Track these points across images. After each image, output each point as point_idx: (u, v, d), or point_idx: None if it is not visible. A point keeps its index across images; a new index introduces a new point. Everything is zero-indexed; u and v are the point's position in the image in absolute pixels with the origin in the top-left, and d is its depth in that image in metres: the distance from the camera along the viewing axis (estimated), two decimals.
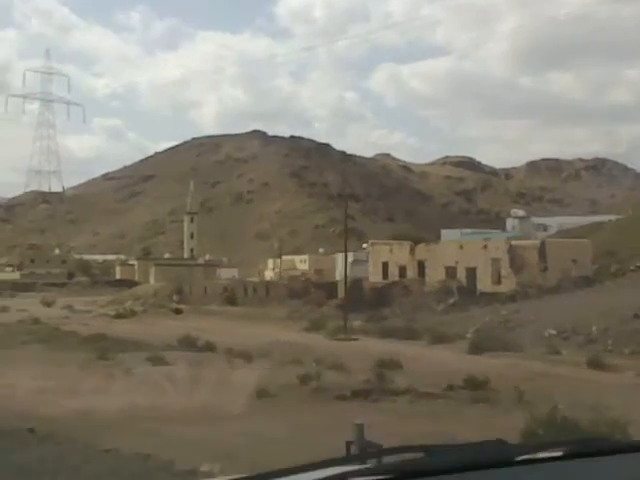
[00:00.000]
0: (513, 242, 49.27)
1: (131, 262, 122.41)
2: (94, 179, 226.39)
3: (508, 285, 46.69)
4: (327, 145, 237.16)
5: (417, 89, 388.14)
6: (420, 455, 2.57)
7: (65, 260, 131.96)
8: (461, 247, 51.67)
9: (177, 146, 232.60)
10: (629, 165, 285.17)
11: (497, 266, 48.80)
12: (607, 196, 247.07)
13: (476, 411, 15.35)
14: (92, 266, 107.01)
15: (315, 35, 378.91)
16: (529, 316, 35.67)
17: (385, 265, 56.83)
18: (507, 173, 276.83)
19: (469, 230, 79.61)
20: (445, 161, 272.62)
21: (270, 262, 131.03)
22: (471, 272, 50.08)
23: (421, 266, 53.33)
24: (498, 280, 48.70)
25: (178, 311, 53.42)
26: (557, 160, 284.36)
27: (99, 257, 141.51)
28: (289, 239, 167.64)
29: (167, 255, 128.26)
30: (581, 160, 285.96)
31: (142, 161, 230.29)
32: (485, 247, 49.91)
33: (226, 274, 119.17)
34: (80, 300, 70.55)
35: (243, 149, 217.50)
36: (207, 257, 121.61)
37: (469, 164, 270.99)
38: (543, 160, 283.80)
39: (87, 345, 27.86)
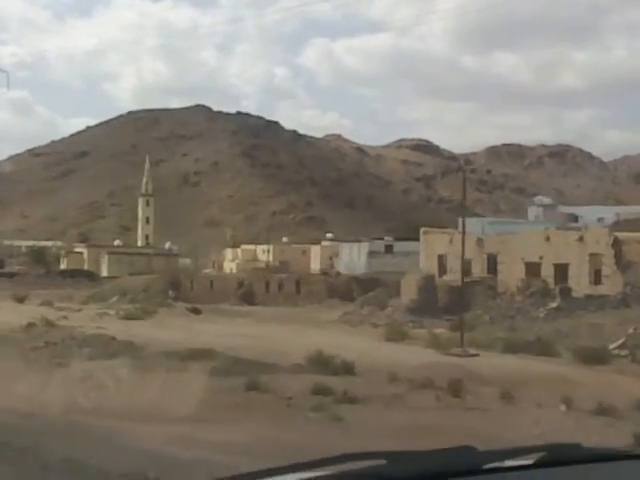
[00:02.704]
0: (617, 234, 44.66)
1: (78, 250, 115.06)
2: (18, 155, 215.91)
3: (612, 286, 41.95)
4: (276, 123, 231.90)
5: (352, 66, 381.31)
6: (381, 462, 2.54)
7: None
8: (547, 239, 46.83)
9: (112, 120, 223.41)
10: (594, 153, 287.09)
11: (597, 263, 44.09)
12: (573, 186, 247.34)
13: None
14: (48, 255, 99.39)
15: (243, 6, 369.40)
16: None
17: (442, 259, 51.60)
18: (467, 159, 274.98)
19: (492, 219, 75.18)
20: (400, 144, 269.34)
21: (229, 252, 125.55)
22: (561, 269, 45.28)
23: (492, 261, 48.38)
24: (597, 280, 44.07)
25: (196, 311, 47.29)
26: (519, 146, 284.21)
27: (30, 243, 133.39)
28: (244, 227, 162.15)
29: (117, 242, 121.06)
30: (544, 146, 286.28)
31: (73, 136, 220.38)
32: (581, 239, 45.14)
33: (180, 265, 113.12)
34: (48, 294, 64.04)
35: (186, 125, 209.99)
36: (168, 245, 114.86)
37: (426, 148, 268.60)
38: (504, 145, 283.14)
39: (197, 365, 21.90)
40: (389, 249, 73.96)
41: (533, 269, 46.41)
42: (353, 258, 75.38)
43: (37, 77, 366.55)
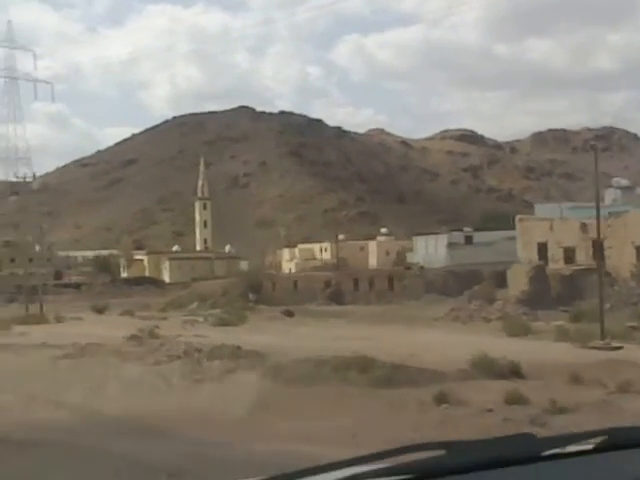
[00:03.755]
0: None
1: (138, 257, 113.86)
2: (65, 166, 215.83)
3: None
4: (319, 120, 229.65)
5: (385, 61, 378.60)
6: (441, 452, 2.52)
7: (50, 258, 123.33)
8: None
9: (157, 126, 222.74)
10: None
11: None
12: (620, 168, 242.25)
13: None
14: (111, 264, 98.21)
15: (273, 7, 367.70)
16: None
17: (542, 247, 48.92)
18: (512, 147, 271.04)
19: (571, 204, 72.07)
20: (444, 135, 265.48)
21: (286, 252, 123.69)
22: None
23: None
24: None
25: (290, 314, 45.23)
26: (564, 131, 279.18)
27: (85, 253, 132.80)
28: (296, 225, 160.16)
29: (176, 247, 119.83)
30: (589, 130, 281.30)
31: (118, 144, 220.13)
32: None
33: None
34: (123, 303, 62.40)
35: (231, 127, 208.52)
36: (228, 248, 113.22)
37: (471, 138, 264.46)
38: (550, 131, 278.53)
39: (357, 375, 19.56)
40: (469, 240, 71.26)
41: None
42: (430, 251, 72.69)
43: (72, 89, 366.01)
